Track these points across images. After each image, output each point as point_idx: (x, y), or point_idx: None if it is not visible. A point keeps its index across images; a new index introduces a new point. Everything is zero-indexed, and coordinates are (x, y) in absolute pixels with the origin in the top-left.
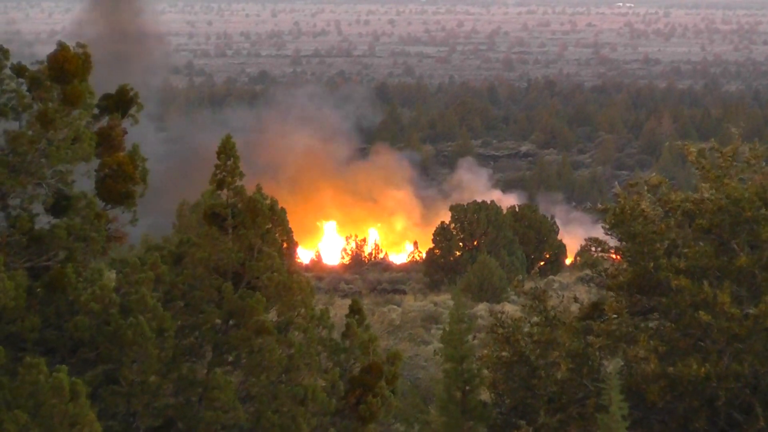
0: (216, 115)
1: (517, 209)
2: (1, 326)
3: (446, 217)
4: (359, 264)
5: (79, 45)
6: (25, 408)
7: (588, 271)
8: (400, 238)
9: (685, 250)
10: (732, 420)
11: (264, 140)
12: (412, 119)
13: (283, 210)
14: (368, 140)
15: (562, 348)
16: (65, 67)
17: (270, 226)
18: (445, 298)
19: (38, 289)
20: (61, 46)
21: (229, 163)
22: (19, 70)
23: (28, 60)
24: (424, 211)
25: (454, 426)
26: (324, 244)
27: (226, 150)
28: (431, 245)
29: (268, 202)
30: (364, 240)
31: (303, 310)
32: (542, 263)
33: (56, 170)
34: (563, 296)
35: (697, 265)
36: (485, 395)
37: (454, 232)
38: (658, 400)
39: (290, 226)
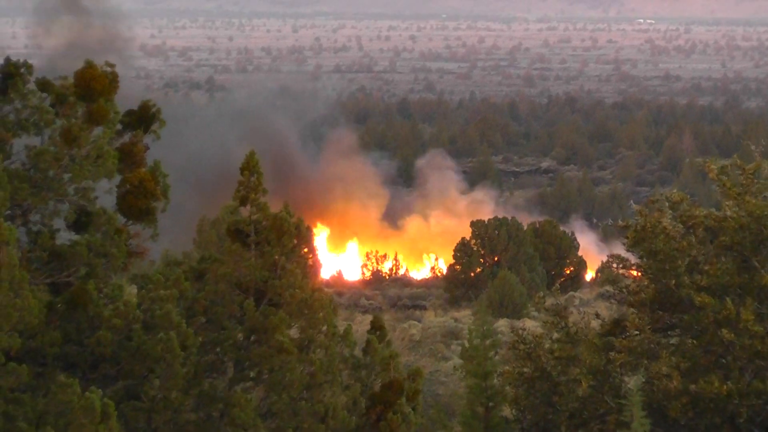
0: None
1: (537, 225)
2: (23, 342)
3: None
4: (379, 280)
5: (108, 64)
6: (55, 426)
7: (609, 288)
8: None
9: (707, 267)
10: None
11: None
12: (433, 135)
13: (308, 228)
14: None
15: (584, 364)
16: (92, 85)
17: (295, 243)
18: (465, 314)
19: (59, 305)
20: (88, 64)
21: (252, 179)
22: (44, 85)
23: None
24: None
25: None
26: (346, 260)
27: (250, 166)
28: (451, 261)
29: (294, 220)
30: (384, 255)
31: (325, 328)
32: (563, 279)
33: (78, 187)
34: (584, 312)
35: (719, 283)
36: (507, 411)
37: (475, 248)
38: (680, 417)
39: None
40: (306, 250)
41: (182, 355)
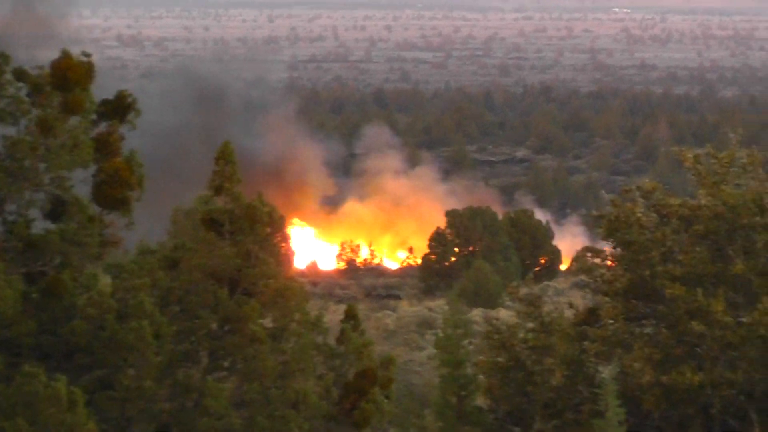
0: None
1: (512, 215)
2: None
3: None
4: (354, 269)
5: (84, 53)
6: (23, 416)
7: (583, 277)
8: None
9: (681, 257)
10: (727, 427)
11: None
12: (408, 125)
13: (282, 217)
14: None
15: (558, 354)
16: (68, 75)
17: (269, 232)
18: (440, 304)
19: (34, 295)
20: (65, 54)
21: (227, 168)
22: (20, 75)
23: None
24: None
25: (450, 431)
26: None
27: (225, 156)
28: (426, 251)
29: (266, 209)
30: (359, 246)
31: (298, 316)
32: (537, 269)
33: (54, 176)
34: (558, 302)
35: (693, 272)
36: (481, 401)
37: (450, 238)
38: (653, 408)
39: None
40: (279, 238)
41: (155, 345)
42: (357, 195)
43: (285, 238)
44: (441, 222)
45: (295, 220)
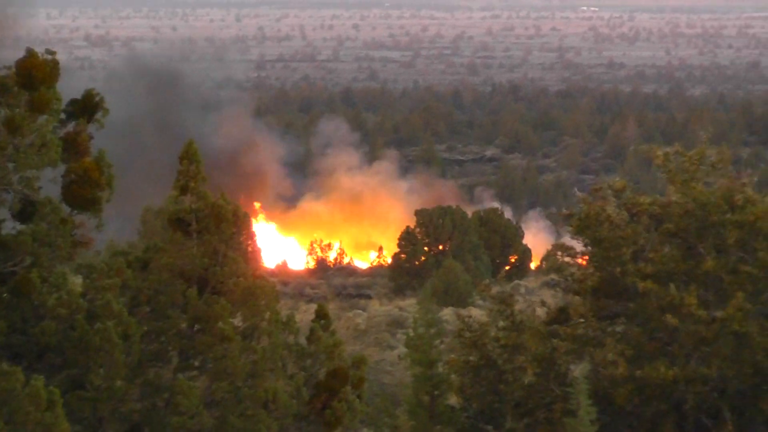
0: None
1: (482, 213)
2: None
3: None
4: (324, 269)
5: (48, 51)
6: (0, 414)
7: (554, 276)
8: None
9: (652, 255)
10: (700, 424)
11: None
12: (377, 124)
13: (246, 215)
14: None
15: (529, 352)
16: (33, 74)
17: (234, 231)
18: (410, 303)
19: (4, 295)
20: (29, 53)
21: (191, 167)
22: None
23: None
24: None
25: (422, 430)
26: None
27: (189, 155)
28: (396, 249)
29: (231, 207)
30: (329, 245)
31: (268, 315)
32: (508, 267)
33: (23, 176)
34: (530, 300)
35: (664, 270)
36: (453, 399)
37: (420, 237)
38: (625, 404)
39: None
40: (245, 237)
41: (123, 345)
42: (314, 192)
43: (251, 236)
44: (400, 219)
45: (260, 215)
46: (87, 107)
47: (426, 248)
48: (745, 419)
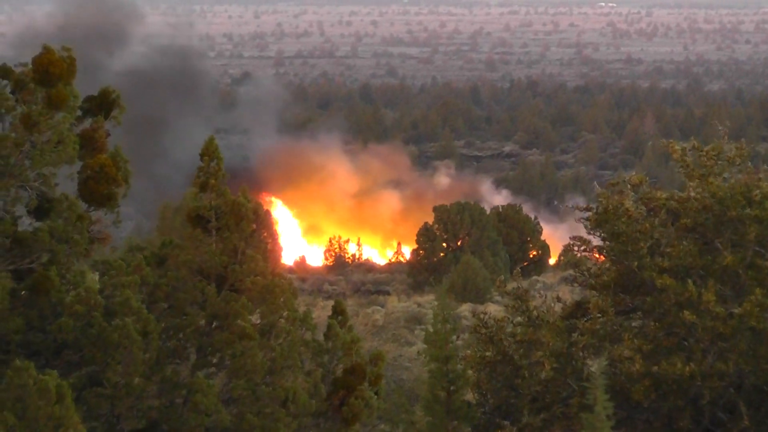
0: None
1: (500, 209)
2: None
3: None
4: (343, 265)
5: (65, 48)
6: (12, 410)
7: (571, 271)
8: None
9: (669, 249)
10: (716, 419)
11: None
12: (395, 120)
13: (267, 212)
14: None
15: (546, 347)
16: (50, 70)
17: (254, 229)
18: (428, 299)
19: (22, 292)
20: (46, 49)
21: (212, 164)
22: (4, 72)
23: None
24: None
25: (438, 426)
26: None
27: (209, 152)
28: (415, 245)
29: (251, 204)
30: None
31: (286, 313)
32: (526, 263)
33: (39, 173)
34: (546, 296)
35: (681, 265)
36: (469, 395)
37: (438, 233)
38: (642, 399)
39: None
40: (265, 234)
41: (142, 341)
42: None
43: (272, 235)
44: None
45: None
46: (104, 104)
47: (444, 244)
48: (761, 414)
